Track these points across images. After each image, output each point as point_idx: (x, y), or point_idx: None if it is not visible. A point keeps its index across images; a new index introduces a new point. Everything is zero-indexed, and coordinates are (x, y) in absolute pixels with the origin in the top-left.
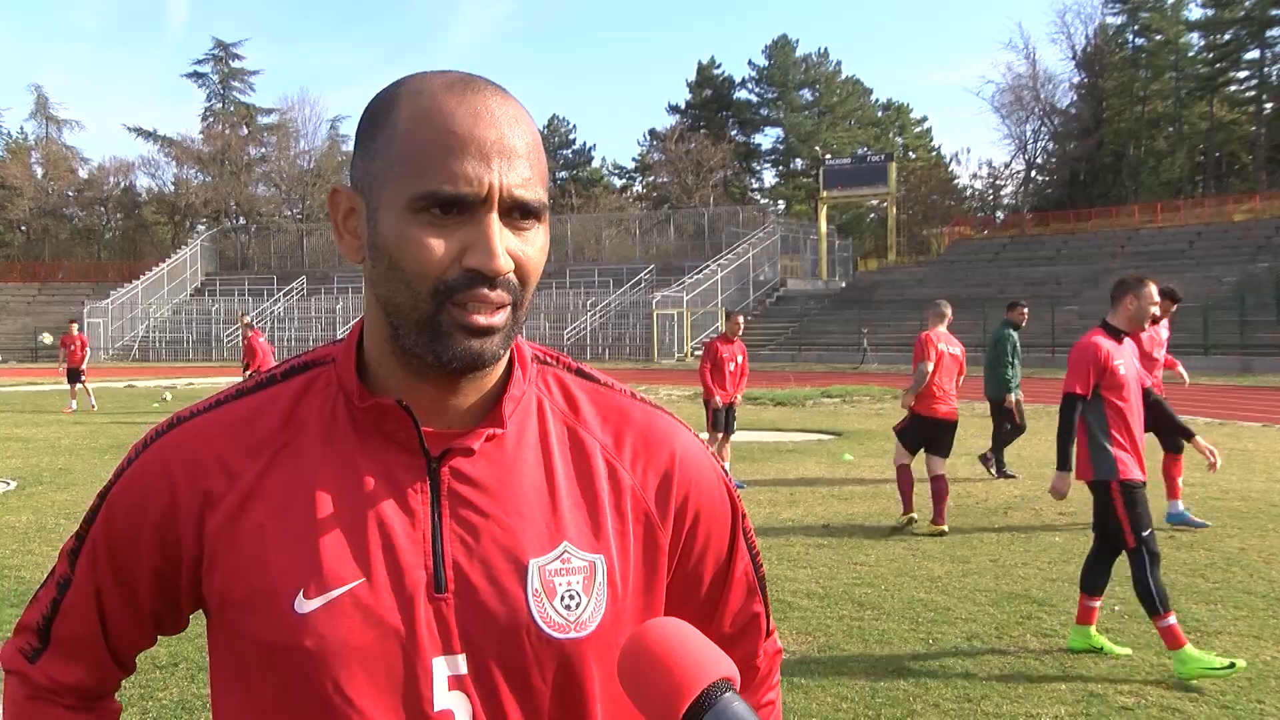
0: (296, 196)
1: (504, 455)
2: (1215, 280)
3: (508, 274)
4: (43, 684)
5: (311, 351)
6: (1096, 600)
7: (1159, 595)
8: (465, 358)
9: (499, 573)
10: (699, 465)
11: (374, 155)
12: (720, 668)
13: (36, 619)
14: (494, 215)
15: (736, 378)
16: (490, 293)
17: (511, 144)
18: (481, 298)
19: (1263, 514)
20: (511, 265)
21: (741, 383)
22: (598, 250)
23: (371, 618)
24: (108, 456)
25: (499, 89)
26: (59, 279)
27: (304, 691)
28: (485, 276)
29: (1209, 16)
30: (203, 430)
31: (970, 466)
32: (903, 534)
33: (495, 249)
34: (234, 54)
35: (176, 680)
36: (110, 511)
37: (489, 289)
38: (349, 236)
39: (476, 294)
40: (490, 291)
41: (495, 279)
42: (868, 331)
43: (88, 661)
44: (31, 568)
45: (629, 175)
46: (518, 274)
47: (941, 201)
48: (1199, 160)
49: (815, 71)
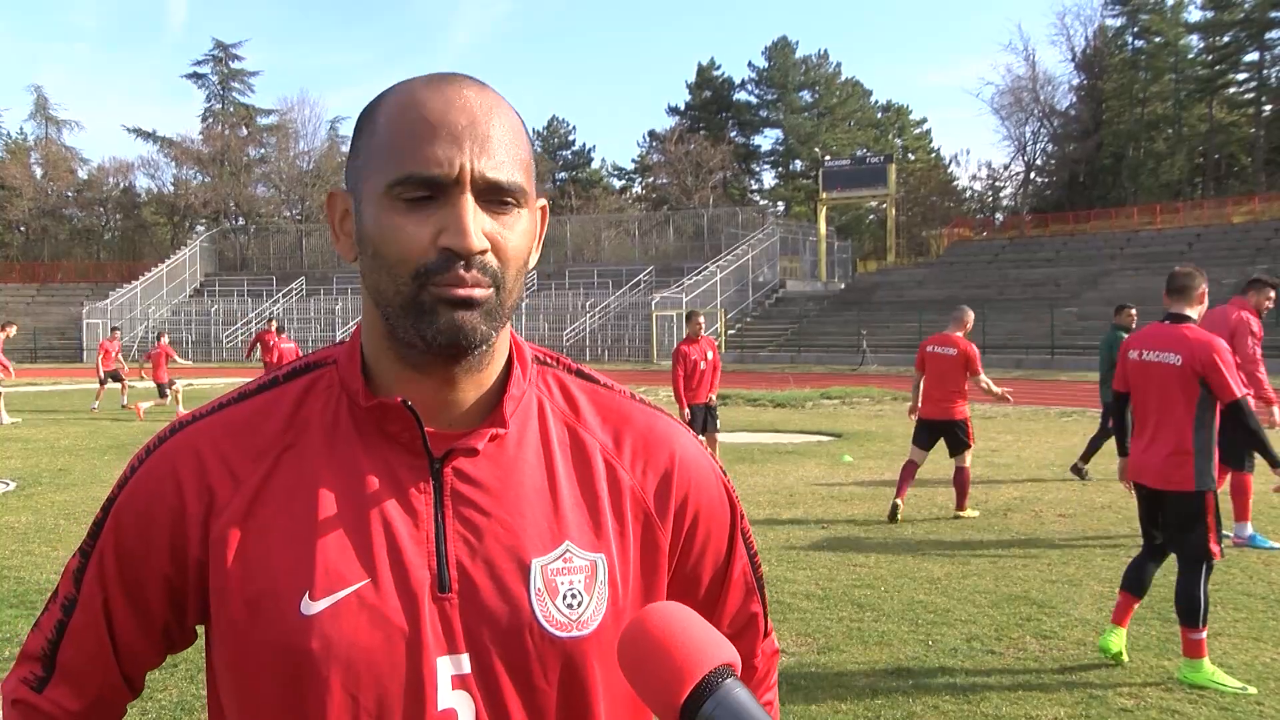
0: (296, 197)
1: (505, 455)
2: (1214, 282)
3: (483, 254)
4: (51, 713)
5: (314, 353)
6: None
7: (1207, 607)
8: (449, 331)
9: (502, 572)
10: (698, 466)
11: (358, 153)
12: (722, 653)
13: (41, 645)
14: (467, 196)
15: (710, 375)
16: (466, 274)
17: (485, 129)
18: (457, 279)
19: (1260, 516)
20: (486, 245)
21: (715, 378)
22: (597, 251)
23: (377, 618)
24: (107, 457)
25: (477, 82)
26: (58, 279)
27: (307, 693)
28: (459, 255)
29: (1208, 19)
30: (206, 434)
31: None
32: (902, 535)
33: (467, 227)
34: (234, 55)
35: (176, 681)
36: (118, 520)
37: (464, 270)
38: (344, 237)
39: (453, 274)
40: (466, 273)
41: (470, 258)
42: (867, 333)
43: (97, 685)
44: (31, 569)
45: (628, 176)
46: (496, 256)
47: (941, 203)
48: (1198, 162)
49: (815, 73)
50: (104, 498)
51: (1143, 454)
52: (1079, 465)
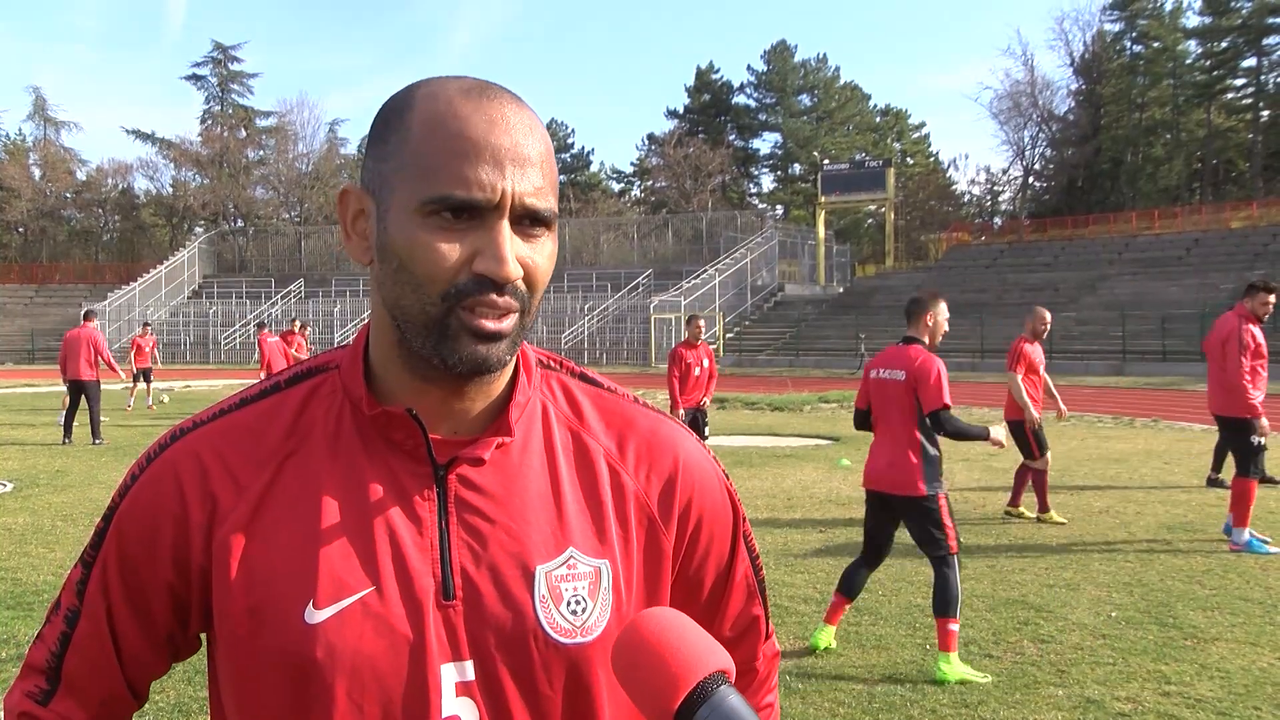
0: (295, 199)
1: (509, 461)
2: (1212, 287)
3: (517, 281)
4: None
5: (315, 357)
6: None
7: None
8: (471, 362)
9: (506, 579)
10: (702, 470)
11: (386, 157)
12: (716, 660)
13: (45, 657)
14: (505, 222)
15: (704, 381)
16: (499, 299)
17: (525, 152)
18: (490, 303)
19: (1259, 520)
20: (521, 272)
21: (710, 385)
22: (595, 254)
23: (382, 626)
24: (104, 458)
25: (515, 97)
26: (56, 281)
27: (311, 701)
28: (495, 282)
29: (1207, 24)
30: (209, 440)
31: (968, 473)
32: (900, 539)
33: (505, 255)
34: (233, 56)
35: (174, 683)
36: (121, 528)
37: (498, 295)
38: (357, 238)
39: (485, 299)
40: (499, 298)
41: (505, 285)
42: (865, 337)
43: (102, 696)
44: (28, 570)
45: (627, 180)
46: (526, 281)
47: (939, 207)
48: (1196, 167)
49: (814, 77)
50: (101, 499)
51: (875, 462)
52: (1214, 476)
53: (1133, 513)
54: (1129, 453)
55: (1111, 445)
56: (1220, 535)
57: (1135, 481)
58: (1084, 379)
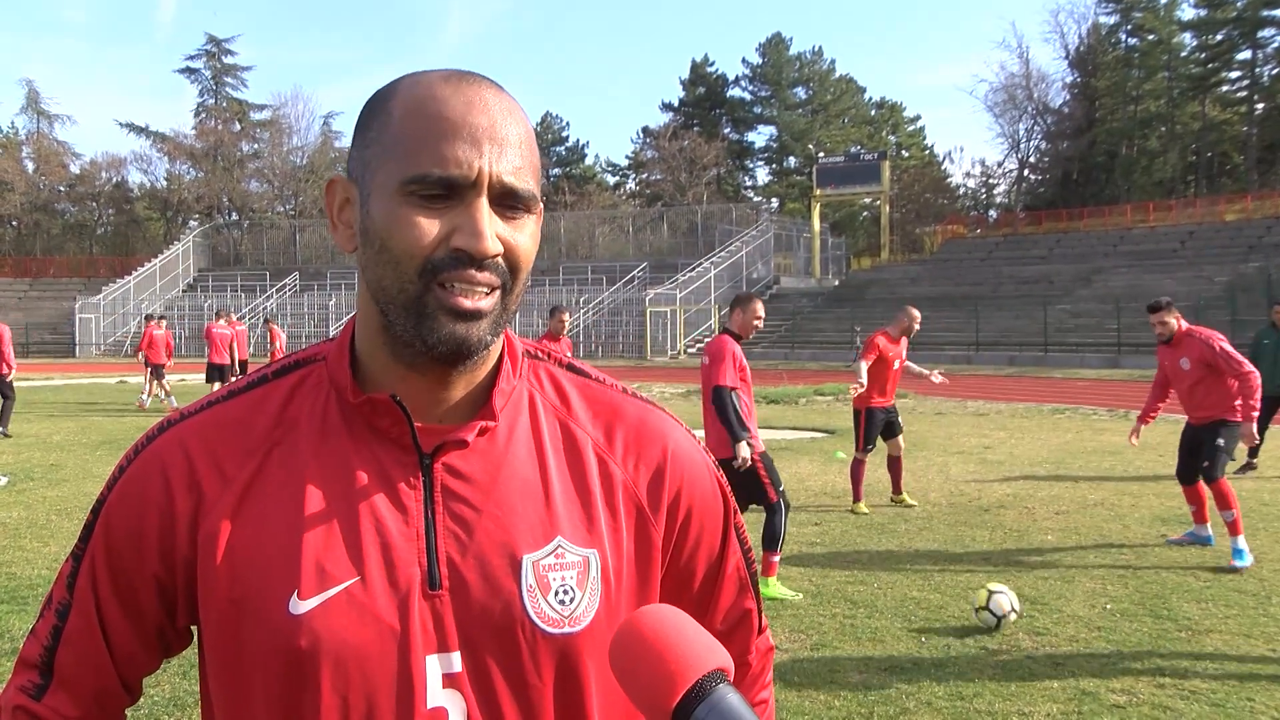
0: (289, 193)
1: (496, 450)
2: (1207, 280)
3: (496, 257)
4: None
5: (303, 350)
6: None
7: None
8: (451, 341)
9: (493, 569)
10: (691, 460)
11: (368, 144)
12: (715, 658)
13: (37, 652)
14: (483, 199)
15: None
16: (478, 274)
17: (503, 133)
18: (468, 279)
19: (1253, 514)
20: (500, 248)
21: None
22: (591, 247)
23: (367, 616)
24: (99, 452)
25: (495, 84)
26: (50, 274)
27: (297, 691)
28: (472, 258)
29: (1201, 17)
30: (195, 431)
31: (962, 465)
32: (895, 531)
33: (483, 230)
34: (227, 50)
35: (168, 677)
36: (108, 521)
37: (477, 270)
38: (343, 227)
39: (463, 275)
40: (478, 273)
41: (483, 261)
42: (861, 330)
43: (95, 690)
44: (23, 564)
45: (622, 173)
46: (507, 260)
47: (934, 200)
48: (1191, 160)
49: (809, 70)
50: (96, 493)
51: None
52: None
53: (1127, 505)
54: (1124, 445)
55: (1106, 438)
56: (1212, 528)
57: (1130, 474)
58: (1079, 371)
